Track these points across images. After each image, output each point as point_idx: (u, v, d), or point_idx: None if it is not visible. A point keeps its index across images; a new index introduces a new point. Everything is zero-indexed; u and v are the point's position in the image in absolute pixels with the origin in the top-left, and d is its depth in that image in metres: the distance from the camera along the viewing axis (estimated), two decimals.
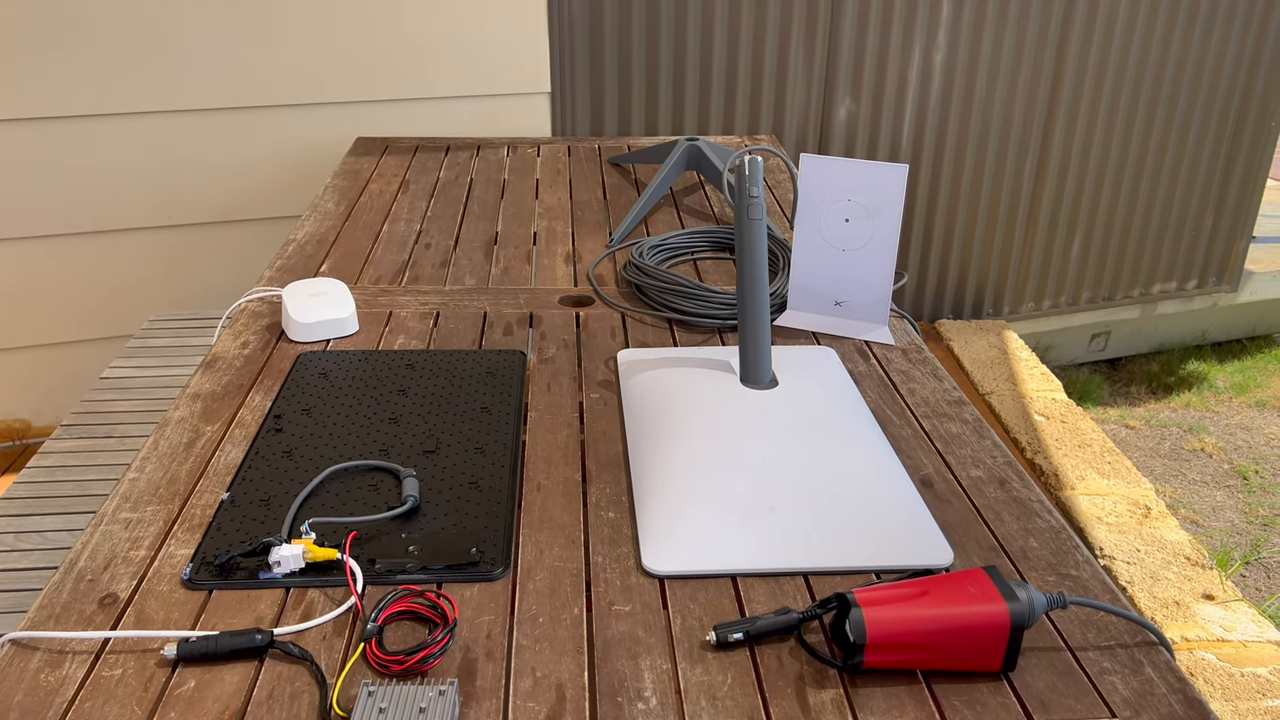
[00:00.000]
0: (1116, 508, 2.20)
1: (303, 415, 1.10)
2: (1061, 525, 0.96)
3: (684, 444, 1.01)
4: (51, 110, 2.16)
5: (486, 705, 0.75)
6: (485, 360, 1.23)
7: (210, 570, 0.87)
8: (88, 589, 0.85)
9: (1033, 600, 0.77)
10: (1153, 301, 3.37)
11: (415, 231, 1.65)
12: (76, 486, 1.45)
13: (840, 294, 1.31)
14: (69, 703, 0.74)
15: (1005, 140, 2.91)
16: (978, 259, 3.07)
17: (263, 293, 1.40)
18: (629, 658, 0.79)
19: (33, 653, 0.79)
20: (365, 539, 0.90)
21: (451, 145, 2.11)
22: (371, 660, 0.77)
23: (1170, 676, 0.78)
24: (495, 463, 1.02)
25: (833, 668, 0.78)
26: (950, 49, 2.74)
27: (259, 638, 0.78)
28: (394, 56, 2.31)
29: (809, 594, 0.86)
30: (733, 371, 1.14)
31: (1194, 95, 3.05)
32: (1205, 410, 3.16)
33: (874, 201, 1.26)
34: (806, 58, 2.66)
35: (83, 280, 2.33)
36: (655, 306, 1.38)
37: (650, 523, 0.93)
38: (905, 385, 1.21)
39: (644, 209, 1.69)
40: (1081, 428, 2.51)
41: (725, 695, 0.76)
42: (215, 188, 2.33)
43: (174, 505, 0.96)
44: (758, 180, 1.09)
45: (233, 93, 2.25)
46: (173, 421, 1.10)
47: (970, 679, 0.77)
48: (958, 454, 1.07)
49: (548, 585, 0.87)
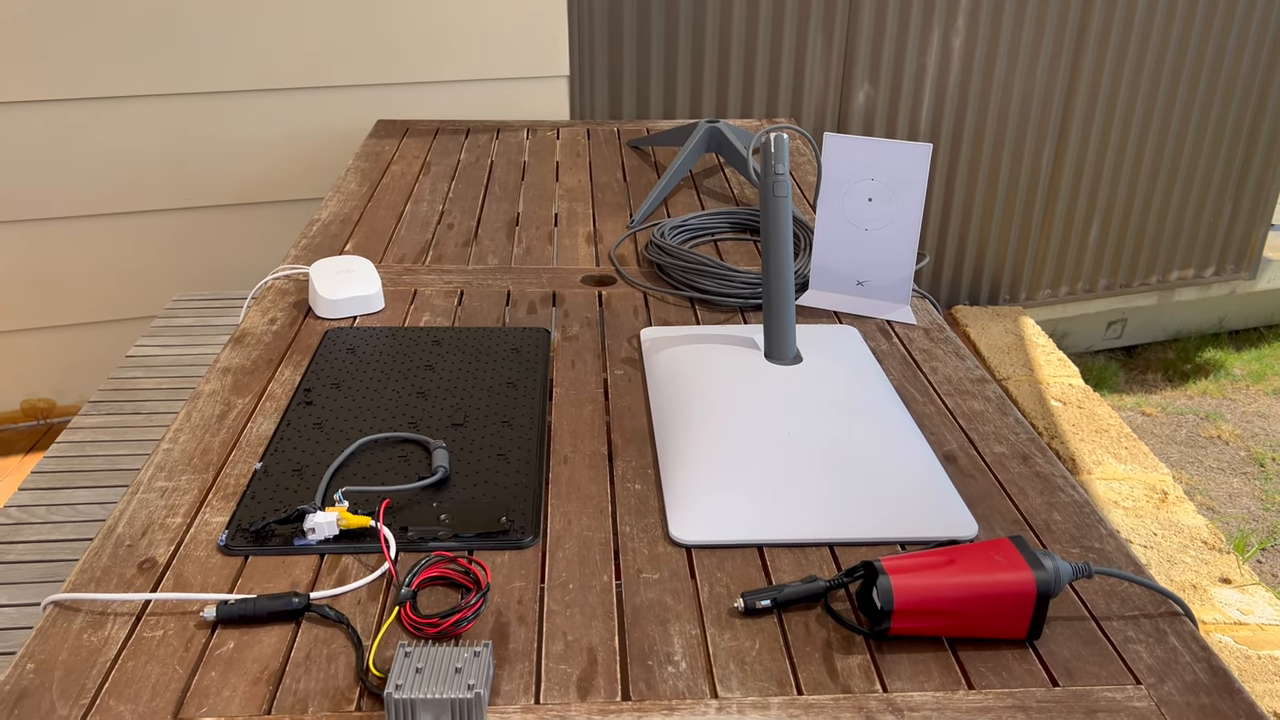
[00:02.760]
0: (1133, 492, 2.20)
1: (332, 389, 1.11)
2: (1085, 500, 0.97)
3: (710, 417, 1.02)
4: (74, 92, 2.18)
5: (520, 667, 0.76)
6: (510, 337, 1.24)
7: (246, 537, 0.88)
8: (127, 554, 0.87)
9: (1058, 569, 0.78)
10: (1170, 289, 3.36)
11: (438, 212, 1.66)
12: (106, 461, 1.47)
13: (862, 273, 1.32)
14: (112, 661, 0.76)
15: (1023, 126, 2.90)
16: (995, 245, 3.07)
17: (289, 270, 1.41)
18: (658, 623, 0.80)
19: (75, 614, 0.80)
20: (397, 508, 0.92)
21: (471, 128, 2.12)
22: (406, 623, 0.79)
23: (1194, 645, 0.79)
24: (523, 435, 1.03)
25: (859, 634, 0.79)
26: (969, 33, 2.73)
27: (296, 601, 0.80)
28: (413, 40, 2.32)
29: (834, 564, 0.87)
30: (757, 348, 1.15)
31: (1214, 81, 3.03)
32: (1222, 398, 3.16)
33: (897, 181, 1.27)
34: (825, 41, 2.66)
35: (104, 261, 2.35)
36: (677, 286, 1.39)
37: (677, 493, 0.94)
38: (928, 364, 1.21)
39: (664, 190, 1.69)
40: (1098, 413, 2.51)
41: (754, 660, 0.77)
42: (236, 169, 2.35)
43: (208, 475, 0.98)
44: (783, 157, 1.09)
45: (254, 75, 2.26)
46: (204, 394, 1.12)
47: (996, 646, 0.78)
48: (981, 430, 1.08)
49: (577, 553, 0.88)
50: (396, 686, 0.69)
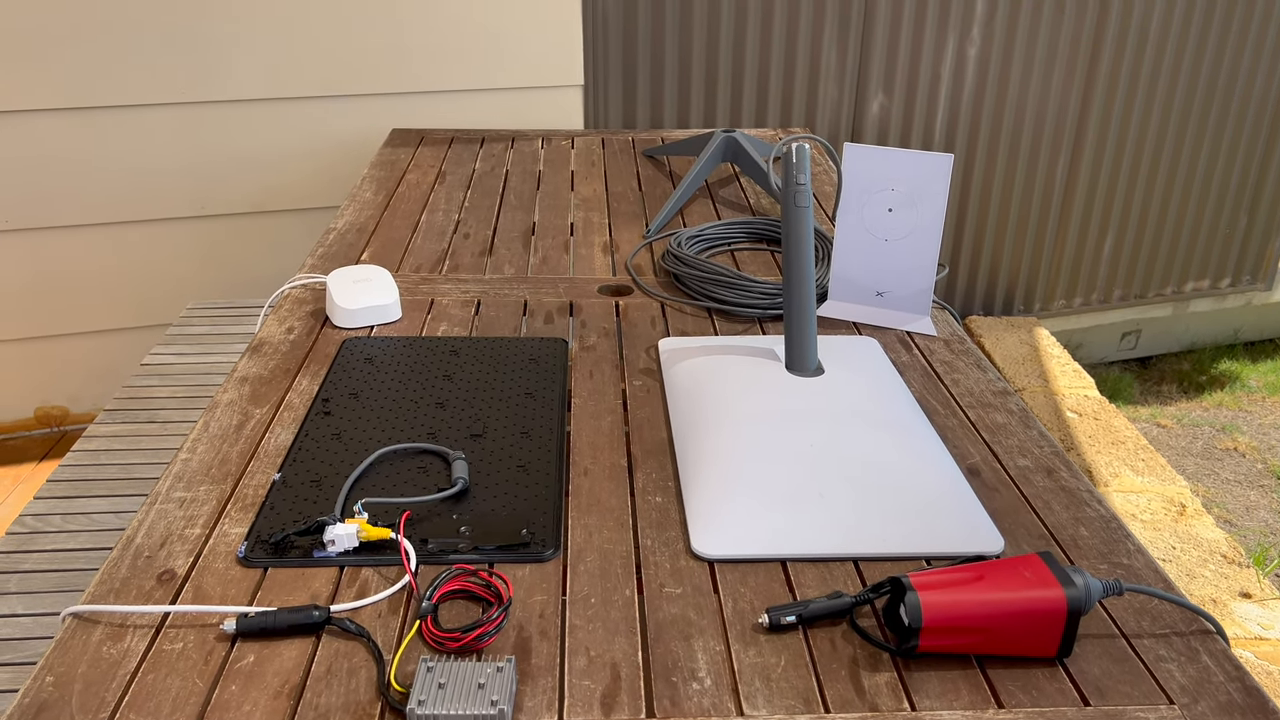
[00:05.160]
0: (1151, 505, 2.18)
1: (350, 399, 1.11)
2: (1112, 515, 0.96)
3: (731, 429, 1.01)
4: (91, 100, 2.18)
5: (542, 683, 0.75)
6: (528, 347, 1.23)
7: (265, 548, 0.88)
8: (145, 565, 0.86)
9: (1089, 586, 0.76)
10: (1185, 300, 3.34)
11: (454, 221, 1.66)
12: (121, 469, 1.47)
13: (882, 284, 1.31)
14: (132, 674, 0.75)
15: (1038, 136, 2.89)
16: (1009, 256, 3.05)
17: (306, 279, 1.41)
18: (682, 639, 0.79)
19: (94, 626, 0.80)
20: (417, 520, 0.91)
21: (486, 137, 2.12)
22: (427, 637, 0.78)
23: (1227, 664, 0.78)
24: (542, 447, 1.03)
25: (887, 651, 0.78)
26: (984, 43, 2.73)
27: (316, 614, 0.79)
28: (428, 49, 2.33)
29: (859, 579, 0.86)
30: (777, 359, 1.14)
31: (1230, 91, 3.02)
32: (1238, 410, 3.13)
33: (918, 191, 1.26)
34: (840, 51, 2.65)
35: (119, 269, 2.35)
36: (695, 296, 1.39)
37: (699, 506, 0.93)
38: (949, 375, 1.20)
39: (681, 200, 1.69)
40: (1115, 425, 2.49)
41: (779, 677, 0.76)
42: (251, 178, 2.35)
43: (226, 485, 0.97)
44: (805, 168, 1.09)
45: (270, 84, 2.27)
46: (222, 404, 1.11)
47: (1025, 664, 0.77)
48: (1004, 443, 1.07)
49: (598, 567, 0.87)
50: (419, 702, 0.69)
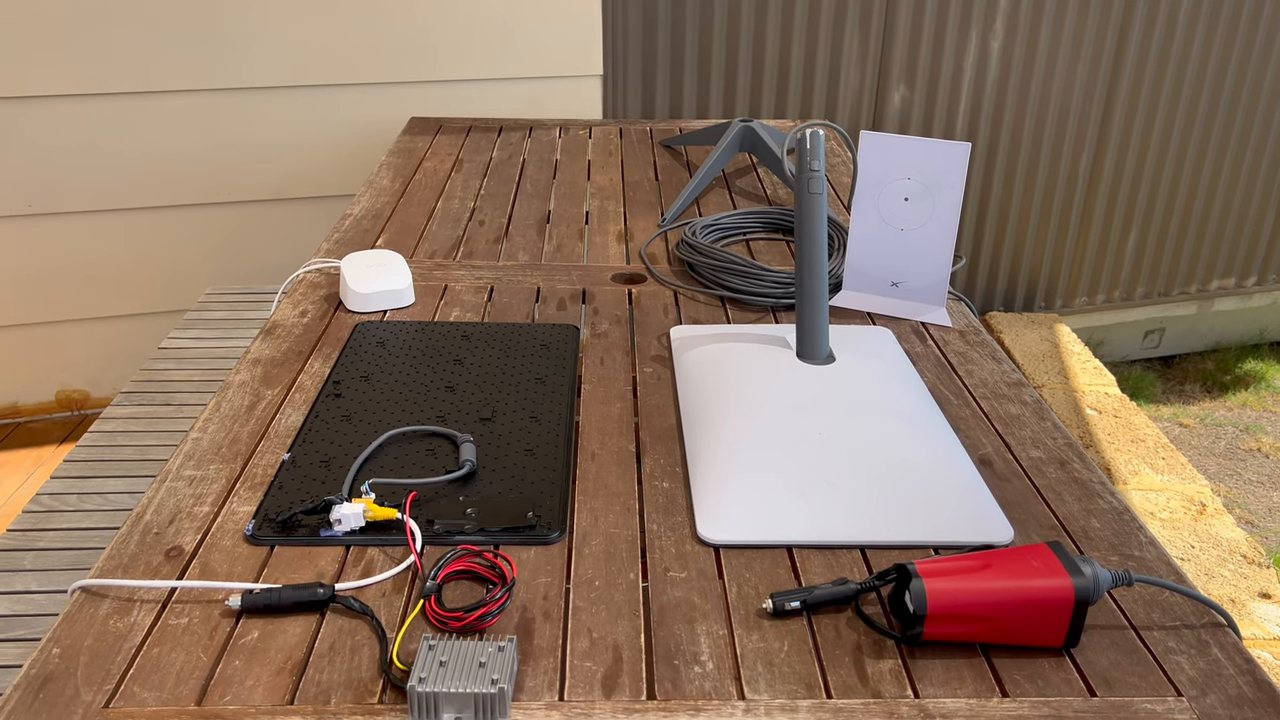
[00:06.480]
0: (1170, 504, 2.16)
1: (361, 382, 1.11)
2: (1124, 507, 0.95)
3: (740, 416, 1.00)
4: (110, 86, 2.20)
5: (544, 663, 0.75)
6: (539, 333, 1.23)
7: (272, 527, 0.88)
8: (154, 541, 0.87)
9: (1097, 576, 0.75)
10: (1210, 298, 3.30)
11: (469, 208, 1.66)
12: (137, 451, 1.48)
13: (897, 274, 1.30)
14: (137, 648, 0.76)
15: (1062, 130, 2.86)
16: (1030, 251, 3.02)
17: (320, 264, 1.41)
18: (685, 622, 0.79)
19: (102, 600, 0.80)
20: (423, 500, 0.91)
21: (504, 126, 2.12)
22: (431, 616, 0.78)
23: (1238, 657, 0.76)
24: (550, 431, 1.03)
25: (891, 638, 0.78)
26: (1008, 36, 2.70)
27: (321, 591, 0.79)
28: (447, 38, 2.33)
29: (866, 567, 0.86)
30: (789, 347, 1.13)
31: (1257, 87, 2.97)
32: (1263, 410, 3.09)
33: (934, 180, 1.25)
34: (861, 42, 2.63)
35: (138, 255, 2.37)
36: (708, 284, 1.38)
37: (706, 491, 0.92)
38: (963, 366, 1.19)
39: (697, 189, 1.68)
40: (1135, 423, 2.46)
41: (782, 662, 0.76)
42: (268, 166, 2.36)
43: (236, 465, 0.98)
44: (819, 154, 1.08)
45: (289, 71, 2.28)
46: (234, 385, 1.12)
47: (1031, 653, 0.76)
48: (1017, 434, 1.06)
49: (603, 550, 0.87)
50: (420, 679, 0.69)
